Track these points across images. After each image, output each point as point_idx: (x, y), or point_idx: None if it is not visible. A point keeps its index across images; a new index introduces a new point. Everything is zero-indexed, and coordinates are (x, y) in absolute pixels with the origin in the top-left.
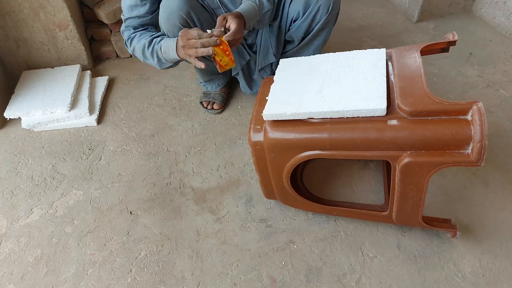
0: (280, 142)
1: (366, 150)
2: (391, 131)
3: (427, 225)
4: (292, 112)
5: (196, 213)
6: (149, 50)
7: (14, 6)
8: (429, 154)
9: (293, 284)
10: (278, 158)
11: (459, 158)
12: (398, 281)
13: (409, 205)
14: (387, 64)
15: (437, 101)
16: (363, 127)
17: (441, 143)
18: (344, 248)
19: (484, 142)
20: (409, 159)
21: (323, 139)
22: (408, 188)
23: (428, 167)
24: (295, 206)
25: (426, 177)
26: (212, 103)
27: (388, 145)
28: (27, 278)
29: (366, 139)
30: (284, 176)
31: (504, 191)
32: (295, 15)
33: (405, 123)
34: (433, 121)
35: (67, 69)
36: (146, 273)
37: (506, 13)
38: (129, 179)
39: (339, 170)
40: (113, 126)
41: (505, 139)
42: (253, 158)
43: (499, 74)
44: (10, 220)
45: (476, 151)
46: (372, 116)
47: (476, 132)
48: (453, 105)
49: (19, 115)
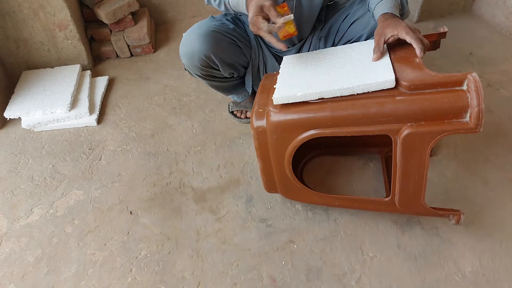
0: (282, 124)
1: (367, 125)
2: (391, 104)
3: (431, 209)
4: (303, 93)
5: (196, 213)
6: (216, 1)
7: (14, 6)
8: (429, 124)
9: (293, 284)
10: (280, 140)
11: (458, 126)
12: (398, 280)
13: (411, 184)
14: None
15: (433, 74)
16: (364, 102)
17: (439, 113)
18: (344, 248)
19: (481, 106)
20: (410, 130)
21: (325, 117)
22: (410, 163)
23: (428, 137)
24: (296, 198)
25: (427, 148)
26: (245, 112)
27: (389, 118)
28: (27, 278)
29: (367, 113)
30: (286, 161)
31: (504, 190)
32: (356, 38)
33: (405, 96)
34: (431, 93)
35: (67, 69)
36: (146, 272)
37: (506, 13)
38: (129, 179)
39: (338, 170)
40: (113, 126)
41: (505, 139)
42: (255, 143)
43: (499, 74)
44: (10, 220)
45: (474, 116)
46: (381, 89)
47: (473, 98)
48: (449, 77)
49: (19, 115)
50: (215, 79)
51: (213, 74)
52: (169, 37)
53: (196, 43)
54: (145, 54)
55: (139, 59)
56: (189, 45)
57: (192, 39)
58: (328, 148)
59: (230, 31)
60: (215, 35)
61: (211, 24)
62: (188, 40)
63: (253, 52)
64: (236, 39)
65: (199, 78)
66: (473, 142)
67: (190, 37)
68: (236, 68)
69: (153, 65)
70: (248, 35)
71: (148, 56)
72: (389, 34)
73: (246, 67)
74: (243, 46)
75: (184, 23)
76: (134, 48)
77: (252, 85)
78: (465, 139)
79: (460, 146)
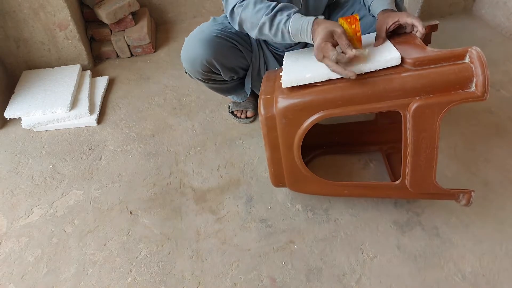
0: (292, 107)
1: (376, 102)
2: (399, 79)
3: (442, 188)
4: (312, 75)
5: (196, 213)
6: (271, 30)
7: (14, 6)
8: (437, 96)
9: (293, 284)
10: (290, 124)
11: (465, 95)
12: (398, 281)
13: (423, 160)
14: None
15: (435, 50)
16: (372, 80)
17: (446, 84)
18: (344, 248)
19: (486, 73)
20: (419, 103)
21: (335, 97)
22: (421, 137)
23: (438, 108)
24: (304, 190)
25: (437, 120)
26: (245, 112)
27: (398, 93)
28: (27, 278)
29: (376, 90)
30: (296, 145)
31: (504, 191)
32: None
33: (411, 72)
34: (436, 67)
35: (67, 69)
36: (146, 273)
37: (506, 14)
38: (129, 179)
39: (339, 171)
40: (113, 126)
41: (505, 139)
42: (264, 129)
43: (500, 74)
44: (10, 220)
45: (481, 84)
46: (388, 67)
47: (477, 67)
48: (451, 52)
49: (19, 115)
50: (215, 82)
51: (214, 78)
52: (170, 37)
53: (198, 49)
54: (146, 54)
55: (139, 59)
56: (191, 50)
57: (194, 44)
58: (328, 147)
59: (232, 35)
60: (217, 41)
61: (213, 28)
62: (190, 45)
63: (253, 56)
64: (238, 43)
65: (199, 81)
66: (473, 142)
67: (192, 42)
68: (237, 72)
69: (153, 65)
70: (249, 38)
71: (148, 56)
72: (391, 22)
73: (246, 69)
74: (244, 50)
75: (184, 23)
76: (134, 48)
77: (251, 87)
78: (465, 140)
79: (460, 146)
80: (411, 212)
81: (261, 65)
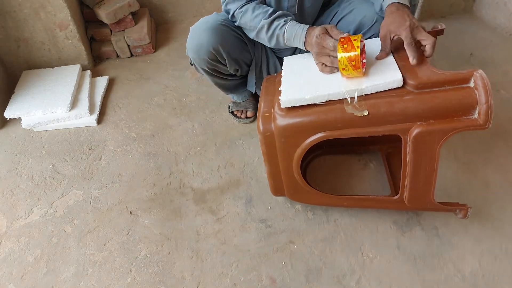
0: (290, 127)
1: (377, 125)
2: (400, 103)
3: (439, 204)
4: (311, 96)
5: (196, 213)
6: (268, 33)
7: (14, 5)
8: (439, 122)
9: (293, 285)
10: (289, 143)
11: (468, 123)
12: (398, 281)
13: (421, 182)
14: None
15: (439, 72)
16: (373, 103)
17: (449, 111)
18: (344, 249)
19: (490, 102)
20: (420, 129)
21: (335, 119)
22: (421, 161)
23: (439, 135)
24: (304, 201)
25: (437, 146)
26: (245, 112)
27: (398, 117)
28: (27, 278)
29: (376, 113)
30: (295, 164)
31: (504, 192)
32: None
33: (413, 95)
34: (439, 91)
35: (67, 69)
36: (146, 273)
37: (507, 14)
38: (129, 179)
39: (339, 171)
40: (113, 126)
41: (505, 140)
42: (262, 147)
43: (500, 75)
44: (10, 219)
45: (484, 113)
46: (389, 89)
47: (481, 95)
48: (455, 75)
49: (19, 115)
50: (220, 75)
51: (219, 70)
52: (170, 37)
53: (205, 36)
54: (146, 54)
55: (139, 59)
56: (197, 37)
57: (201, 32)
58: (328, 147)
59: (236, 27)
60: (223, 29)
61: (218, 18)
62: (196, 33)
63: (256, 50)
64: (242, 35)
65: (204, 74)
66: (473, 143)
67: (198, 30)
68: (240, 65)
69: (153, 65)
70: None
71: (148, 56)
72: (393, 33)
73: (249, 65)
74: (248, 43)
75: (184, 23)
76: (134, 48)
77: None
78: (465, 141)
79: (461, 148)
80: (410, 213)
81: (263, 62)
